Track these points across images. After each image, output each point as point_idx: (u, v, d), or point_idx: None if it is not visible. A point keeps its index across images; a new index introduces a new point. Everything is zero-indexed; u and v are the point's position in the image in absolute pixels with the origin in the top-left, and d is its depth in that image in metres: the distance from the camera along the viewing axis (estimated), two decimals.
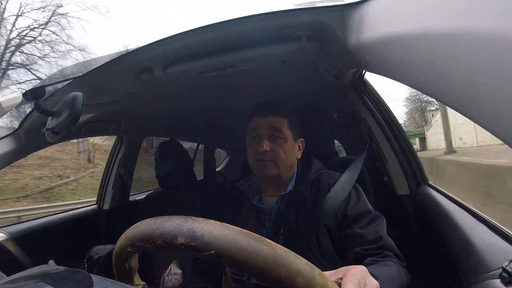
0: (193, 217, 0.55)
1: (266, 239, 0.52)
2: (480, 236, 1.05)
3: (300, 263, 0.51)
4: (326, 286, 0.52)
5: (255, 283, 1.26)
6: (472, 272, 0.96)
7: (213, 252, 0.50)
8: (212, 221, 0.54)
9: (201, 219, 0.54)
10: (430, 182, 1.71)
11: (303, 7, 0.97)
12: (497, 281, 0.79)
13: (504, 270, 0.76)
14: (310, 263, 0.52)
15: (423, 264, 1.57)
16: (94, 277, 0.66)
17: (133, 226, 0.61)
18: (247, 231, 0.53)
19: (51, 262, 1.37)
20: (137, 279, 0.77)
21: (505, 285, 0.76)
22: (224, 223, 0.54)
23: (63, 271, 0.72)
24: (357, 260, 1.14)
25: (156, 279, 2.14)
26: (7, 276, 0.73)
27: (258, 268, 0.49)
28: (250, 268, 0.49)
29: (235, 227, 0.53)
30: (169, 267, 2.12)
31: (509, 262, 0.76)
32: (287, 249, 0.52)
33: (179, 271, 2.08)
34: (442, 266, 1.28)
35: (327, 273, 0.67)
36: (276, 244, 0.52)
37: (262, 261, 0.49)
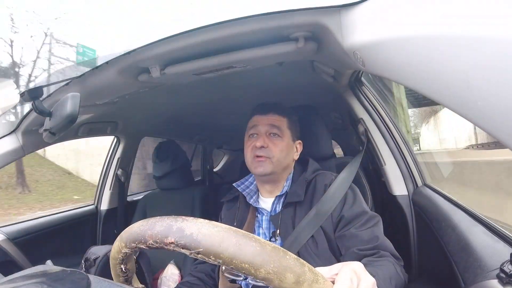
0: (183, 217, 0.55)
1: (255, 236, 0.52)
2: (478, 236, 1.05)
3: (289, 259, 0.51)
4: (317, 281, 0.52)
5: (252, 283, 1.26)
6: (470, 272, 0.96)
7: (201, 249, 0.50)
8: (201, 219, 0.54)
9: (191, 218, 0.55)
10: (427, 183, 1.71)
11: (300, 7, 0.97)
12: (495, 282, 0.79)
13: (502, 270, 0.76)
14: (300, 258, 0.53)
15: (421, 265, 1.57)
16: (92, 278, 0.66)
17: (127, 228, 0.62)
18: (235, 228, 0.53)
19: (48, 262, 1.36)
20: (135, 281, 0.77)
21: (503, 285, 0.76)
22: (213, 221, 0.54)
23: (60, 271, 0.72)
24: (353, 261, 1.14)
25: (154, 280, 2.14)
26: (5, 276, 0.73)
27: (247, 265, 0.49)
28: (239, 264, 0.50)
29: (224, 225, 0.53)
30: (166, 267, 2.12)
31: (507, 262, 0.76)
32: (276, 246, 0.52)
33: (177, 271, 2.08)
34: (440, 266, 1.28)
35: (323, 269, 0.68)
36: (265, 240, 0.52)
37: (250, 258, 0.49)
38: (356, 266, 0.72)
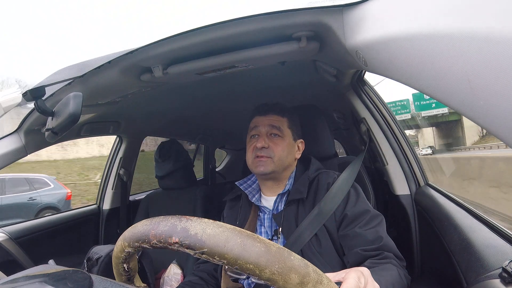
0: (187, 216, 0.55)
1: (260, 237, 0.52)
2: (480, 236, 1.05)
3: (293, 260, 0.51)
4: (321, 282, 0.52)
5: (254, 282, 1.26)
6: (472, 272, 0.96)
7: (206, 250, 0.50)
8: (206, 219, 0.54)
9: (195, 218, 0.54)
10: (430, 182, 1.71)
11: (303, 7, 0.97)
12: (497, 281, 0.79)
13: (504, 270, 0.76)
14: (304, 259, 0.52)
15: (423, 264, 1.57)
16: (94, 277, 0.66)
17: (130, 227, 0.61)
18: (240, 228, 0.53)
19: (51, 262, 1.37)
20: (138, 281, 0.77)
21: (505, 285, 0.76)
22: (218, 221, 0.54)
23: (63, 271, 0.72)
24: (357, 261, 1.14)
25: (156, 280, 2.14)
26: (7, 276, 0.73)
27: (251, 265, 0.49)
28: (243, 265, 0.49)
29: (228, 225, 0.53)
30: (169, 267, 2.12)
31: (509, 262, 0.76)
32: (281, 246, 0.52)
33: (179, 271, 2.08)
34: (442, 266, 1.28)
35: (330, 275, 0.68)
36: (269, 241, 0.52)
37: (255, 258, 0.49)
38: (364, 270, 0.73)
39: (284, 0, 1.01)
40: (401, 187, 1.74)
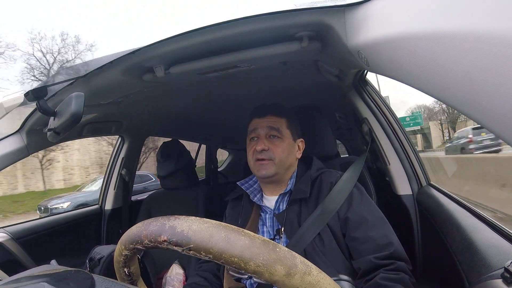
0: (176, 216, 0.56)
1: (245, 230, 0.53)
2: (482, 236, 1.04)
3: (279, 252, 0.51)
4: (310, 274, 0.52)
5: (257, 282, 1.26)
6: (474, 272, 0.96)
7: (192, 245, 0.51)
8: (193, 217, 0.55)
9: (183, 216, 0.56)
10: (432, 182, 1.71)
11: (305, 7, 0.97)
12: (499, 281, 0.79)
13: (506, 270, 0.76)
14: (291, 251, 0.53)
15: (425, 264, 1.57)
16: (96, 278, 0.66)
17: (127, 231, 0.62)
18: (225, 223, 0.54)
19: (53, 262, 1.37)
20: (142, 285, 0.77)
21: (507, 285, 0.75)
22: (204, 218, 0.55)
23: (65, 271, 0.72)
24: (370, 269, 1.13)
25: (159, 280, 2.14)
26: (9, 276, 0.73)
27: (236, 258, 0.50)
28: (228, 259, 0.50)
29: (214, 221, 0.54)
30: (171, 267, 2.12)
31: (511, 262, 0.76)
32: (266, 239, 0.52)
33: (181, 271, 2.08)
34: (444, 266, 1.28)
35: None
36: (255, 234, 0.53)
37: (239, 252, 0.50)
38: None
39: (286, 0, 1.01)
40: (403, 187, 1.73)
